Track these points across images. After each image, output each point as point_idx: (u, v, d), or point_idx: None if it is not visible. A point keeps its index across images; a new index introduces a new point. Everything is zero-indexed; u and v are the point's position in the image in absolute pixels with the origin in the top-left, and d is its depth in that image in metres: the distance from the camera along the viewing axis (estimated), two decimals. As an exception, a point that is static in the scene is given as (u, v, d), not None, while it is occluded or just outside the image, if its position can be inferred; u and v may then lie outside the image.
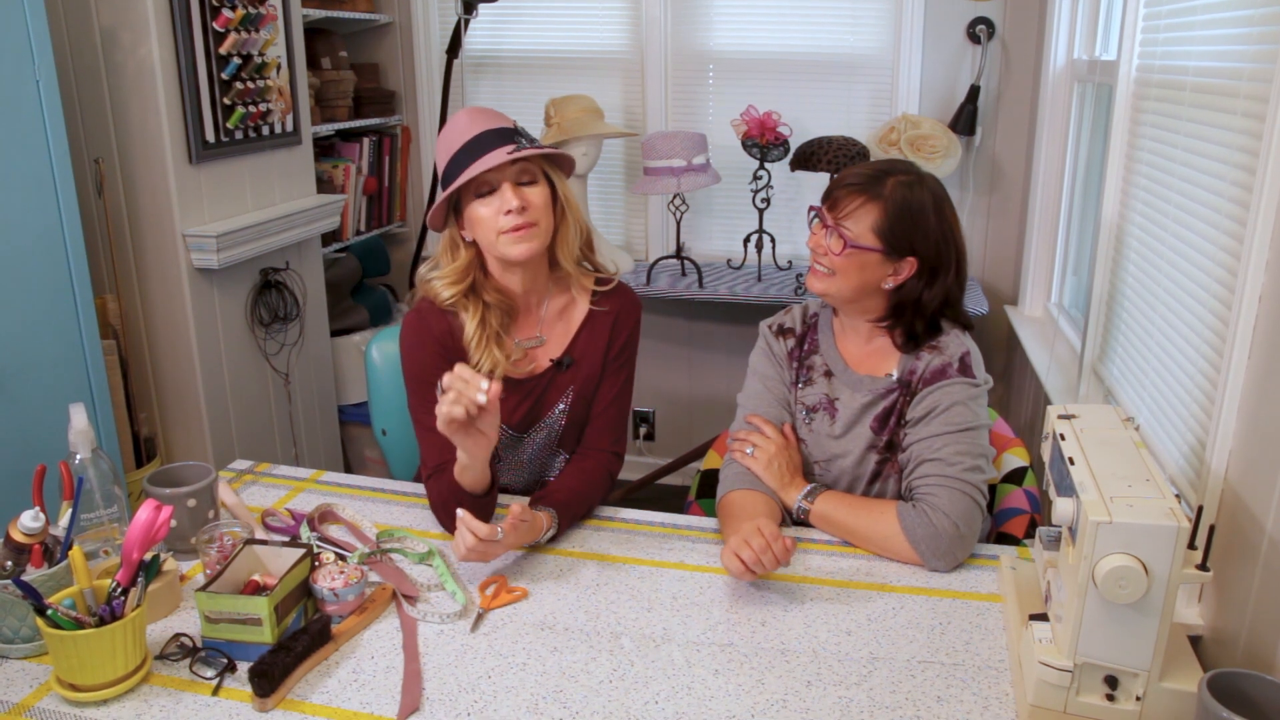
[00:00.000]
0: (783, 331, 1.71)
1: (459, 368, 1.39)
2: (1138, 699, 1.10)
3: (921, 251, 1.52)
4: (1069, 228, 2.77)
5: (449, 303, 1.64)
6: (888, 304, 1.57)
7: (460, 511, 1.41)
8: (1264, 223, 1.26)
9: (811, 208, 1.60)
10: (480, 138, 1.55)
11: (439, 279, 1.64)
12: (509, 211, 1.54)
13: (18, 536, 1.25)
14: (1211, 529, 1.20)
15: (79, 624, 1.15)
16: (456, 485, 1.52)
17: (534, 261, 1.63)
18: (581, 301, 1.73)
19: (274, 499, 1.71)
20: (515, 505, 1.46)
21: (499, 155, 1.52)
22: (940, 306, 1.56)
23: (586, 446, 1.73)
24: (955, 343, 1.57)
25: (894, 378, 1.59)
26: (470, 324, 1.63)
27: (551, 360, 1.70)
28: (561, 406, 1.72)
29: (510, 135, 1.56)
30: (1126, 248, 1.98)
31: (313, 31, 3.22)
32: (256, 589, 1.29)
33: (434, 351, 1.64)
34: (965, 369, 1.54)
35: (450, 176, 1.56)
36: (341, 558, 1.44)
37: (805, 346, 1.69)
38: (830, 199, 1.57)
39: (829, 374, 1.65)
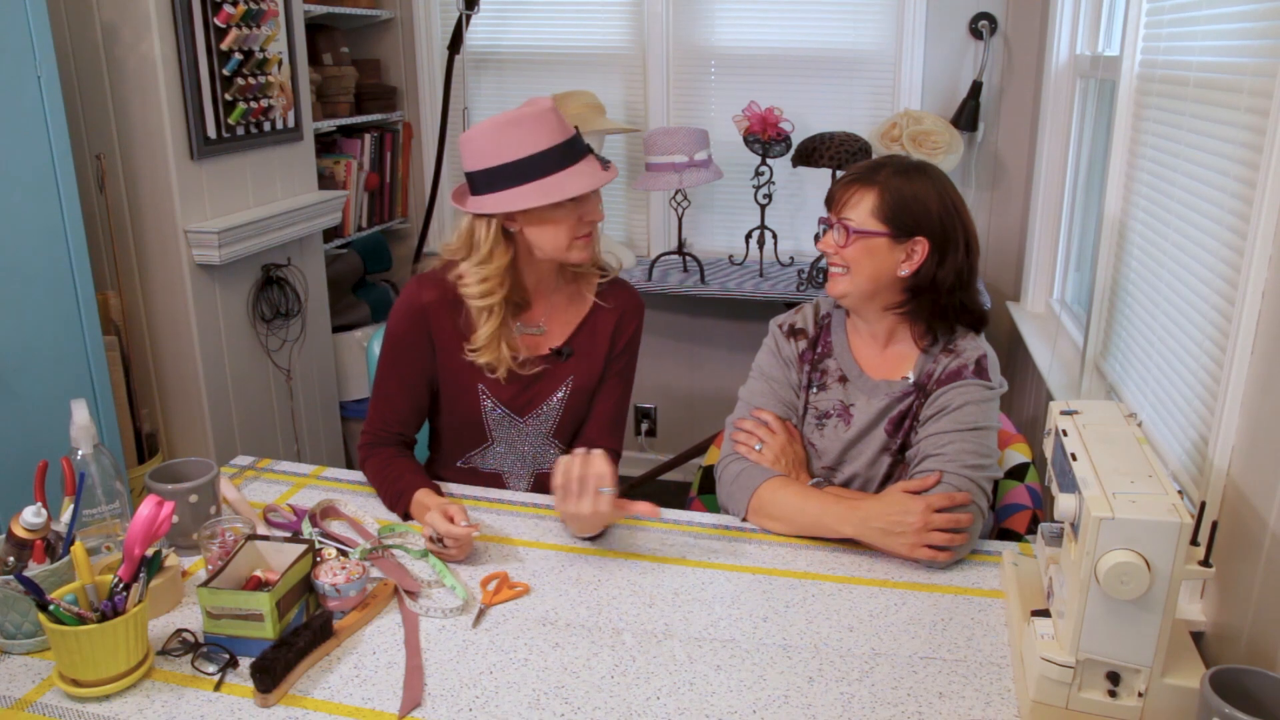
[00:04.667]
0: (794, 332, 1.70)
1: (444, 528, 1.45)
2: (1140, 695, 1.10)
3: (927, 228, 1.51)
4: (1071, 223, 2.77)
5: (478, 304, 1.64)
6: (905, 294, 1.57)
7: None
8: (1267, 218, 1.26)
9: (820, 220, 1.61)
10: (568, 147, 1.58)
11: (478, 281, 1.63)
12: (588, 220, 1.62)
13: (20, 532, 1.25)
14: (1214, 525, 1.20)
15: (81, 619, 1.15)
16: (404, 469, 1.64)
17: None
18: (586, 295, 1.76)
19: (276, 495, 1.72)
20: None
21: (597, 173, 1.60)
22: (955, 288, 1.55)
23: (590, 440, 1.75)
24: (972, 347, 1.57)
25: (911, 380, 1.59)
26: (489, 326, 1.64)
27: (551, 349, 1.73)
28: (560, 395, 1.75)
29: (584, 146, 1.62)
30: (1129, 243, 1.98)
31: (314, 27, 3.22)
32: (258, 585, 1.30)
33: (420, 329, 1.69)
34: (981, 371, 1.54)
35: (518, 174, 1.56)
36: (343, 553, 1.44)
37: (819, 349, 1.68)
38: (831, 199, 1.58)
39: (844, 379, 1.65)
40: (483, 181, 1.59)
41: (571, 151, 1.59)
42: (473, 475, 1.81)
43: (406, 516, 1.62)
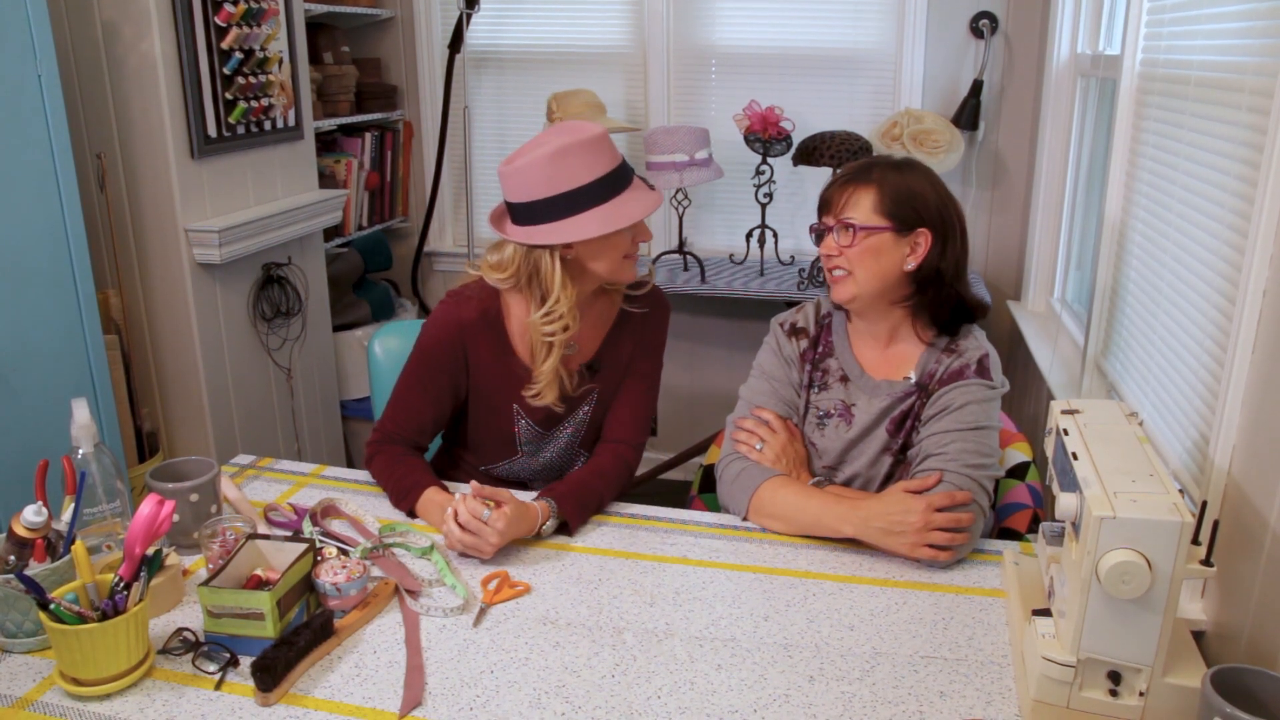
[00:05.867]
0: (795, 331, 1.70)
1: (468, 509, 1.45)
2: (1141, 694, 1.10)
3: (928, 219, 1.51)
4: (1072, 222, 2.77)
5: (548, 340, 1.62)
6: (911, 286, 1.56)
7: (457, 495, 1.46)
8: (1268, 217, 1.26)
9: (811, 228, 1.60)
10: (620, 172, 1.58)
11: (549, 319, 1.60)
12: (639, 240, 1.63)
13: (20, 531, 1.25)
14: (1215, 524, 1.19)
15: (82, 618, 1.15)
16: (412, 467, 1.64)
17: None
18: (613, 306, 1.74)
19: (276, 494, 1.72)
20: (503, 492, 1.49)
21: (649, 194, 1.60)
22: (954, 277, 1.54)
23: (604, 438, 1.76)
24: (974, 346, 1.57)
25: (913, 380, 1.58)
26: (551, 361, 1.63)
27: (581, 365, 1.73)
28: (586, 409, 1.75)
29: (630, 167, 1.62)
30: (1130, 242, 1.98)
31: (315, 26, 3.22)
32: (259, 584, 1.30)
33: (456, 346, 1.67)
34: (983, 371, 1.54)
35: (578, 202, 1.54)
36: (344, 552, 1.44)
37: (820, 349, 1.68)
38: (825, 204, 1.58)
39: (845, 379, 1.64)
40: (537, 212, 1.55)
41: (624, 174, 1.59)
42: (493, 480, 1.81)
43: (412, 514, 1.61)
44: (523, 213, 1.57)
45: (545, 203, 1.54)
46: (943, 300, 1.56)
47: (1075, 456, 1.17)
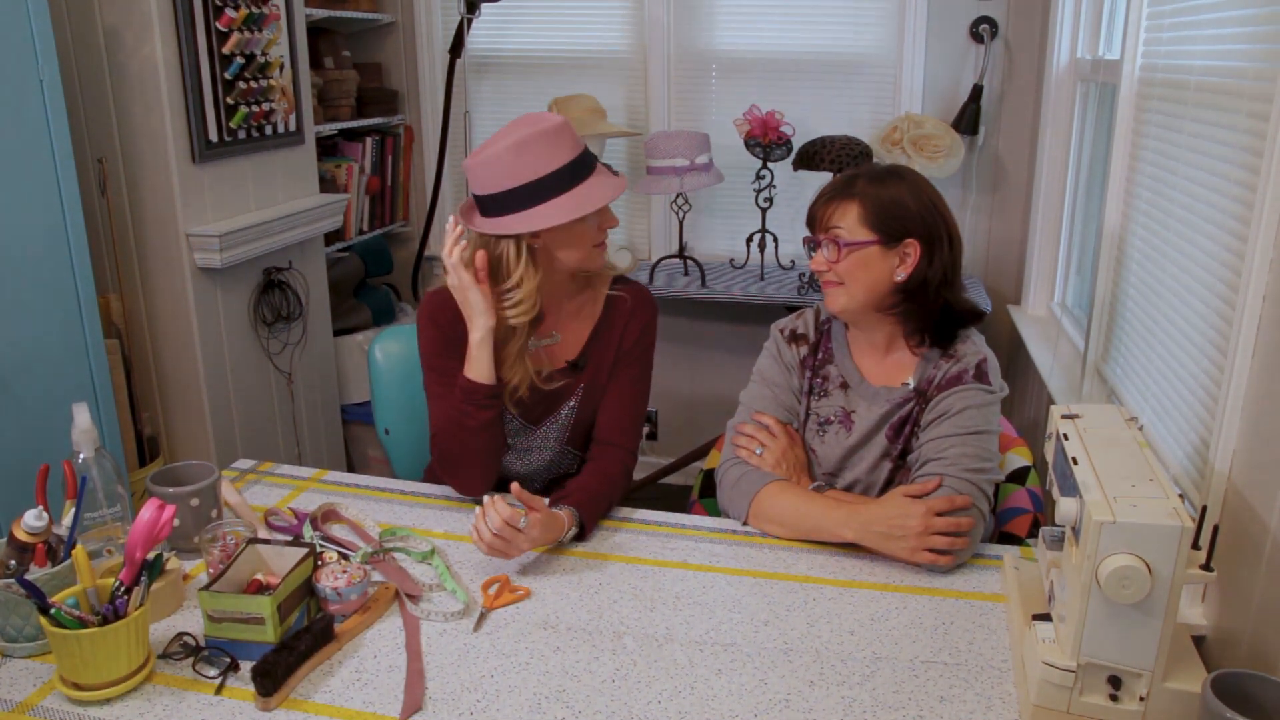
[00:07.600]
0: (795, 338, 1.70)
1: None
2: (1141, 699, 1.10)
3: (914, 228, 1.52)
4: (1072, 227, 2.77)
5: (510, 325, 1.63)
6: (899, 296, 1.56)
7: (487, 496, 1.45)
8: (1267, 222, 1.26)
9: (805, 240, 1.61)
10: (582, 161, 1.59)
11: (513, 305, 1.61)
12: (605, 228, 1.64)
13: (21, 535, 1.26)
14: (1215, 529, 1.20)
15: (82, 623, 1.15)
16: (464, 389, 1.61)
17: None
18: (597, 301, 1.75)
19: (277, 498, 1.72)
20: (539, 499, 1.48)
21: (613, 181, 1.62)
22: (942, 285, 1.54)
23: (601, 442, 1.75)
24: (972, 351, 1.57)
25: (911, 386, 1.59)
26: (512, 345, 1.64)
27: (567, 361, 1.73)
28: (571, 404, 1.75)
29: (594, 156, 1.63)
30: (1130, 247, 1.98)
31: (316, 31, 3.23)
32: (259, 588, 1.29)
33: (448, 336, 1.68)
34: (981, 375, 1.54)
35: (541, 191, 1.55)
36: (344, 557, 1.44)
37: (819, 355, 1.68)
38: (811, 220, 1.59)
39: (845, 385, 1.65)
40: (503, 203, 1.57)
41: (586, 163, 1.60)
42: None
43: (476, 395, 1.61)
44: (490, 205, 1.59)
45: (509, 193, 1.56)
46: (930, 309, 1.56)
47: (1075, 461, 1.17)
